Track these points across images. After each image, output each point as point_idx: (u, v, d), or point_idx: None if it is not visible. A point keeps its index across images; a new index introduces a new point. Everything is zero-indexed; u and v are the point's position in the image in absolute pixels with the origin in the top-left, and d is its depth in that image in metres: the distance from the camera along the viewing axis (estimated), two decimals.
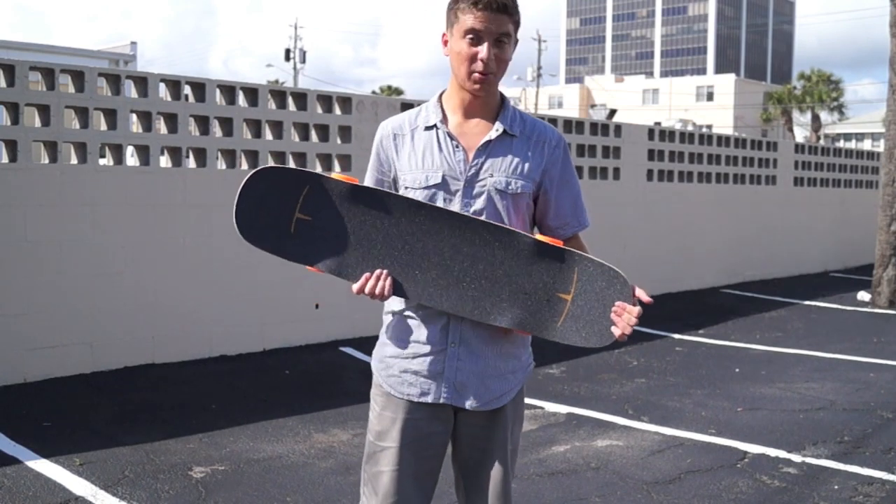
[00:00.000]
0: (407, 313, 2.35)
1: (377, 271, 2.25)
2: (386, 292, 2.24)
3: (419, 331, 2.33)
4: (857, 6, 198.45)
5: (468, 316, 2.27)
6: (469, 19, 2.22)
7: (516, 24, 2.29)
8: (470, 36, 2.23)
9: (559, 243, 2.27)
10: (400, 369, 2.35)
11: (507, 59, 2.28)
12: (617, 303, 2.21)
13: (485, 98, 2.33)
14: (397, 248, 2.26)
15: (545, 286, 2.26)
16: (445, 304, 2.27)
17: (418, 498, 2.36)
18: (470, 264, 2.26)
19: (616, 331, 2.22)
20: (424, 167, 2.32)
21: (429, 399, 2.33)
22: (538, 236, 2.27)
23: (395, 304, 2.38)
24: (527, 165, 2.33)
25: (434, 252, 2.26)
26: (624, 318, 2.20)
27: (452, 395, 2.32)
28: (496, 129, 2.32)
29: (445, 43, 2.32)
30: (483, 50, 2.23)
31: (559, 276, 2.26)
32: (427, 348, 2.33)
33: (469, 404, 2.32)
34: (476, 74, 2.25)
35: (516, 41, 2.34)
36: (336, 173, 2.30)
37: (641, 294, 2.21)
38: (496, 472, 2.38)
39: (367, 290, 2.24)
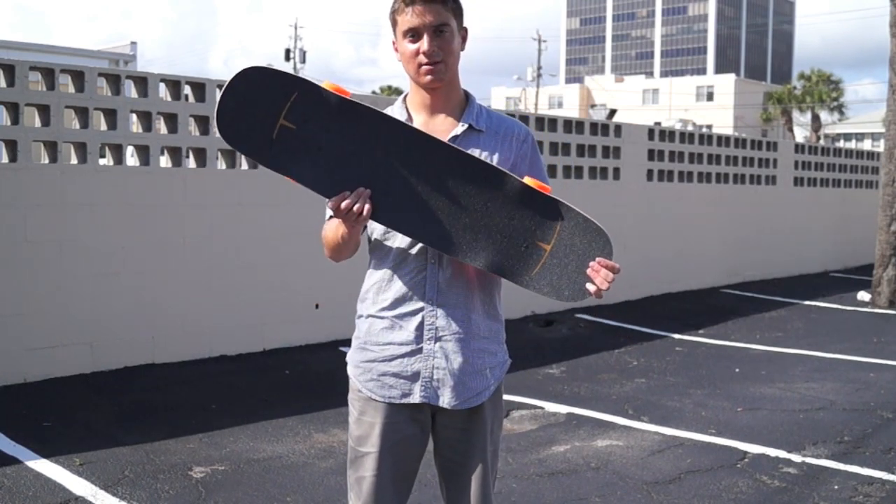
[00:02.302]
0: (380, 315, 2.35)
1: (358, 189, 2.17)
2: (364, 212, 2.16)
3: (394, 332, 2.33)
4: (858, 6, 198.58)
5: (442, 249, 2.22)
6: (405, 19, 2.24)
7: (454, 13, 2.27)
8: (410, 35, 2.25)
9: (547, 190, 2.23)
10: (378, 372, 2.35)
11: (452, 48, 2.27)
12: (597, 258, 2.21)
13: (445, 94, 2.33)
14: (381, 171, 2.20)
15: (526, 231, 2.23)
16: (421, 235, 2.23)
17: (396, 499, 2.37)
18: (454, 197, 2.22)
19: (591, 287, 2.21)
20: None
21: (409, 400, 2.33)
22: (527, 180, 2.23)
23: (368, 306, 2.38)
24: (495, 159, 2.33)
25: (419, 180, 2.21)
26: (602, 274, 2.19)
27: (431, 394, 2.32)
28: (462, 125, 2.33)
29: (396, 49, 2.33)
30: (424, 43, 2.24)
31: (542, 224, 2.24)
32: (404, 349, 2.32)
33: (448, 403, 2.32)
34: (423, 67, 2.25)
35: (465, 29, 2.33)
36: (328, 83, 2.19)
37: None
38: (477, 474, 2.38)
39: (343, 205, 2.15)
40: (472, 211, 2.22)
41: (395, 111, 2.38)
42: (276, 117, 2.16)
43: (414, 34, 2.24)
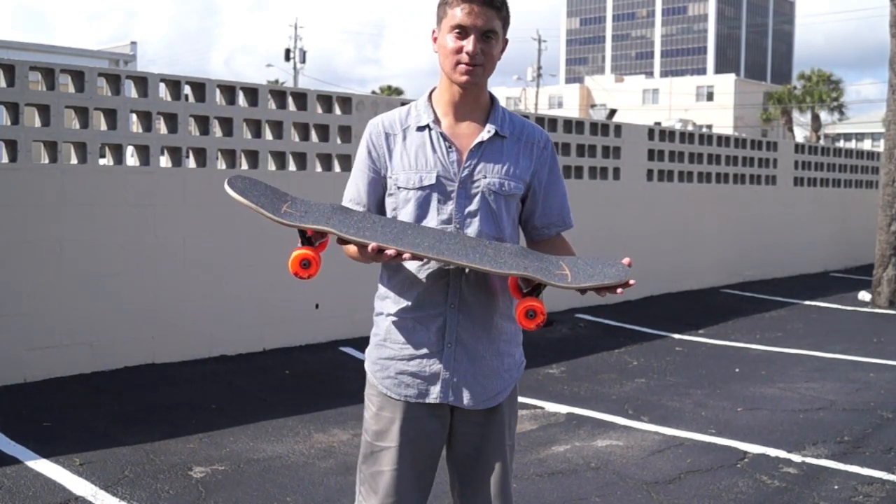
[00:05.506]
0: (402, 315, 2.35)
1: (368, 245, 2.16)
2: (386, 254, 2.16)
3: (415, 333, 2.33)
4: (858, 6, 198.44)
5: (481, 264, 2.15)
6: (457, 14, 2.24)
7: (504, 21, 2.29)
8: (457, 31, 2.25)
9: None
10: (396, 371, 2.35)
11: (493, 55, 2.29)
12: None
13: (474, 95, 2.34)
14: (394, 235, 2.22)
15: (540, 268, 2.22)
16: (453, 255, 2.17)
17: (417, 496, 2.37)
18: (467, 242, 2.25)
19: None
20: (418, 168, 2.32)
21: (426, 400, 2.34)
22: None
23: (389, 305, 2.38)
24: (518, 167, 2.35)
25: (429, 236, 2.23)
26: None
27: (449, 395, 2.33)
28: (488, 131, 2.34)
29: (435, 40, 2.34)
30: (469, 44, 2.24)
31: (549, 262, 2.26)
32: (423, 350, 2.33)
33: (466, 403, 2.33)
34: (462, 66, 2.26)
35: (506, 41, 2.35)
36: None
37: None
38: (495, 469, 2.39)
39: (386, 252, 2.16)
40: (488, 252, 2.22)
41: (421, 109, 2.38)
42: (281, 203, 2.27)
43: (461, 31, 2.25)
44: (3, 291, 5.78)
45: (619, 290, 2.16)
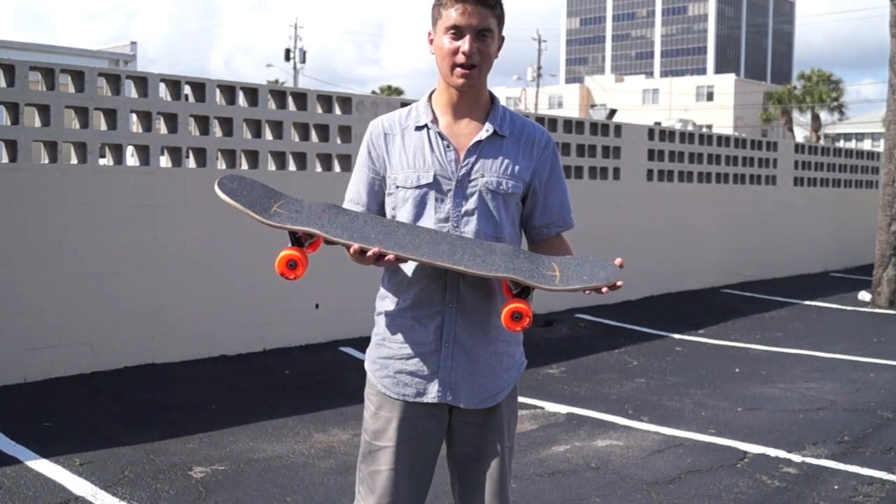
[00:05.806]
0: (400, 314, 2.35)
1: (353, 245, 2.16)
2: (370, 254, 2.16)
3: (413, 332, 2.34)
4: (858, 6, 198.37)
5: (466, 266, 2.14)
6: (451, 15, 2.24)
7: (499, 19, 2.29)
8: (452, 31, 2.25)
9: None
10: (395, 370, 2.36)
11: (490, 54, 2.29)
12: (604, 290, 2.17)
13: (473, 95, 2.34)
14: (383, 236, 2.23)
15: (529, 270, 2.21)
16: (439, 257, 2.17)
17: (413, 496, 2.37)
18: (457, 243, 2.23)
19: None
20: (416, 167, 2.32)
21: (424, 399, 2.34)
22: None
23: (388, 304, 2.39)
24: (517, 166, 2.34)
25: (420, 236, 2.23)
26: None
27: (447, 394, 2.33)
28: (486, 130, 2.33)
29: (431, 41, 2.34)
30: (465, 43, 2.24)
31: (540, 263, 2.26)
32: (421, 349, 2.33)
33: (464, 403, 2.34)
34: (458, 69, 2.26)
35: (502, 38, 2.35)
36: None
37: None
38: (493, 469, 2.39)
39: (368, 254, 2.15)
40: (478, 252, 2.21)
41: (420, 109, 2.39)
42: (272, 203, 2.29)
43: (456, 32, 2.25)
44: (3, 291, 5.78)
45: (604, 290, 2.16)
